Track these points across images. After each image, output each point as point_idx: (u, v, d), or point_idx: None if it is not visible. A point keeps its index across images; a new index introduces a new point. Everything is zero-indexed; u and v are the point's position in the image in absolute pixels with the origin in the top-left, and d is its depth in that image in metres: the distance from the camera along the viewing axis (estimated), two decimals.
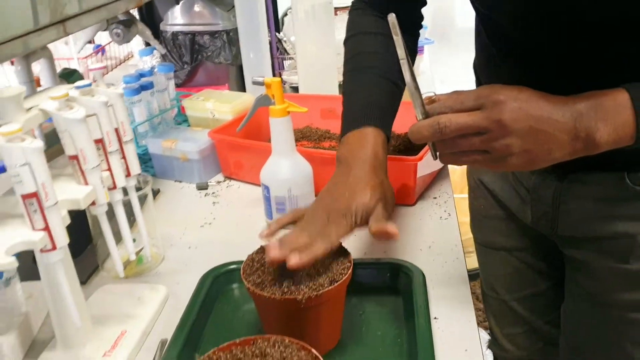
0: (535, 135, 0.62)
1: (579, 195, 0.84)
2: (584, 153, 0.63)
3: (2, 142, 0.59)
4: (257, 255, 0.76)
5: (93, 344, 0.76)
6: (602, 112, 0.62)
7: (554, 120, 0.62)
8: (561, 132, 0.62)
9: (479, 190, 1.05)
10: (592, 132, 0.62)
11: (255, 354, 0.60)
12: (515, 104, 0.62)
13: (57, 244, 0.63)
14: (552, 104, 0.63)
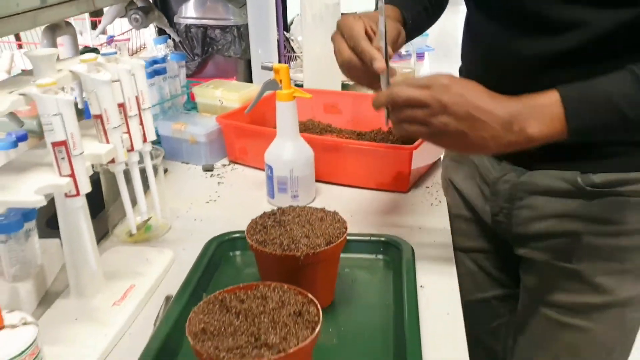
0: (471, 121, 0.70)
1: (534, 191, 0.89)
2: (519, 146, 0.71)
3: (38, 92, 0.65)
4: (260, 219, 0.82)
5: (104, 294, 0.82)
6: (536, 110, 0.70)
7: (491, 112, 0.70)
8: (496, 124, 0.70)
9: (449, 189, 1.09)
10: (525, 127, 0.70)
11: (257, 296, 0.65)
12: (459, 90, 0.71)
13: (80, 190, 0.69)
14: (492, 98, 0.71)
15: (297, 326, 0.61)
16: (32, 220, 0.83)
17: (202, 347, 0.57)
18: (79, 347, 0.73)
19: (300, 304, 0.64)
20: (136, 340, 0.76)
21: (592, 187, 0.83)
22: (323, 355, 0.70)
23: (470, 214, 1.04)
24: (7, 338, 0.56)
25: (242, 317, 0.62)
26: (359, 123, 1.40)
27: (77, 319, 0.78)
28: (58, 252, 0.91)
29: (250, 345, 0.58)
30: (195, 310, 0.63)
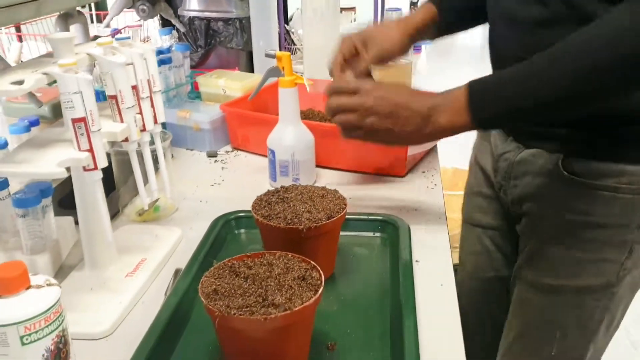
0: (394, 118, 0.81)
1: (526, 172, 0.95)
2: (436, 136, 0.82)
3: (60, 71, 0.69)
4: (264, 196, 0.87)
5: (117, 266, 0.86)
6: (447, 103, 0.80)
7: (410, 108, 0.81)
8: (416, 117, 0.81)
9: (473, 167, 1.16)
10: (437, 119, 0.80)
11: (263, 263, 0.70)
12: (381, 92, 0.82)
13: (98, 164, 0.73)
14: (412, 95, 0.83)
15: (301, 289, 0.65)
16: (49, 197, 0.87)
17: (215, 306, 0.62)
18: (94, 313, 0.77)
19: (304, 270, 0.69)
20: (148, 308, 0.80)
21: (570, 173, 0.88)
22: (324, 321, 0.74)
23: (490, 192, 1.10)
24: (34, 297, 0.60)
25: (250, 281, 0.66)
26: None
27: (92, 288, 0.82)
28: (71, 229, 0.95)
29: (258, 304, 0.62)
30: (206, 275, 0.68)
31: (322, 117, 1.43)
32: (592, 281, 0.93)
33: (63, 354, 0.63)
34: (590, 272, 0.92)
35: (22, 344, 0.59)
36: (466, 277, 1.20)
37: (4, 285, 0.59)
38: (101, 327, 0.75)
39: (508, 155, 0.97)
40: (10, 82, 0.69)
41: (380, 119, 0.81)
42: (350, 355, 0.70)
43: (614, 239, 0.89)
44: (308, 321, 0.66)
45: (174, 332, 0.73)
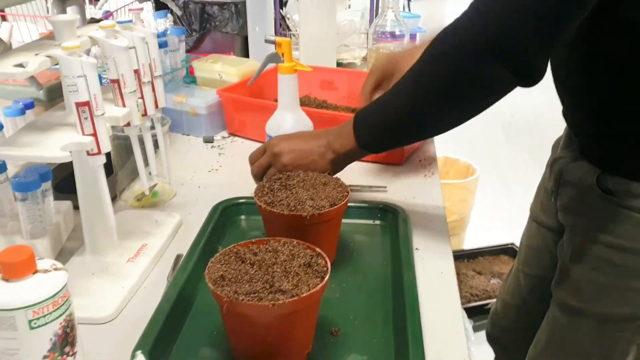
0: (299, 155, 0.93)
1: (567, 182, 0.94)
2: (338, 161, 0.93)
3: (64, 54, 0.69)
4: (267, 183, 0.87)
5: (118, 252, 0.86)
6: (339, 131, 0.92)
7: (311, 144, 0.93)
8: (319, 148, 0.93)
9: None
10: (333, 145, 0.92)
11: (268, 249, 0.70)
12: (283, 143, 0.95)
13: (102, 149, 0.73)
14: (310, 136, 0.96)
15: (308, 275, 0.66)
16: (48, 181, 0.87)
17: (222, 291, 0.62)
18: (97, 298, 0.77)
19: (309, 257, 0.69)
20: (150, 293, 0.80)
21: (604, 190, 0.86)
22: (328, 307, 0.75)
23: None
24: (42, 281, 0.60)
25: (256, 267, 0.67)
26: (354, 99, 1.44)
27: (93, 273, 0.82)
28: (70, 213, 0.95)
29: (265, 290, 0.63)
30: (212, 261, 0.68)
31: (319, 105, 1.43)
32: (615, 309, 0.89)
33: (70, 338, 0.63)
34: (614, 300, 0.89)
35: (30, 328, 0.59)
36: (520, 265, 1.20)
37: (11, 270, 0.59)
38: (105, 312, 0.75)
39: (562, 161, 0.97)
40: (13, 65, 0.68)
41: (291, 159, 0.93)
42: (353, 341, 0.71)
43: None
44: (314, 307, 0.67)
45: (177, 317, 0.73)
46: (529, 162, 3.44)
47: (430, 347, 0.69)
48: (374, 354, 0.69)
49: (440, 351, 0.70)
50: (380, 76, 1.09)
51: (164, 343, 0.69)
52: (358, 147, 0.90)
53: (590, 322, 0.92)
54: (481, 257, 2.41)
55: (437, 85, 0.79)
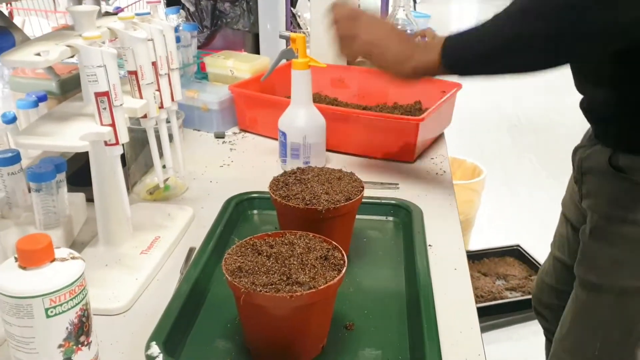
0: (385, 45, 0.92)
1: (589, 169, 0.95)
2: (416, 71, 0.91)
3: (84, 44, 0.69)
4: (281, 177, 0.87)
5: (131, 244, 0.86)
6: (426, 45, 0.91)
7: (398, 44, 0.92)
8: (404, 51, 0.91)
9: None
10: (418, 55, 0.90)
11: (285, 242, 0.70)
12: (375, 27, 0.94)
13: (120, 139, 0.73)
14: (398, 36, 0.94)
15: (324, 268, 0.66)
16: (63, 172, 0.87)
17: (240, 282, 0.62)
18: (111, 289, 0.77)
19: (326, 250, 0.69)
20: (163, 285, 0.80)
21: (615, 168, 0.89)
22: (342, 301, 0.75)
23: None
24: (59, 270, 0.60)
25: (273, 260, 0.67)
26: (365, 97, 1.45)
27: (107, 265, 0.82)
28: (83, 205, 0.95)
29: (283, 282, 0.63)
30: (229, 252, 0.68)
31: (330, 102, 1.43)
32: (631, 283, 0.91)
33: (86, 328, 0.63)
34: (630, 273, 0.91)
35: (47, 316, 0.59)
36: (553, 248, 1.22)
37: (29, 258, 0.59)
38: (119, 303, 0.75)
39: (581, 150, 0.99)
40: (34, 54, 0.68)
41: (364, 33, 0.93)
42: (368, 335, 0.71)
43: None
44: (330, 300, 0.67)
45: (191, 309, 0.73)
46: (534, 163, 3.43)
47: (446, 342, 0.69)
48: (389, 348, 0.69)
49: (456, 346, 0.70)
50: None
51: (179, 334, 0.69)
52: (440, 65, 0.88)
53: (609, 297, 0.93)
54: (486, 258, 2.40)
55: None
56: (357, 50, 0.97)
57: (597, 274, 0.94)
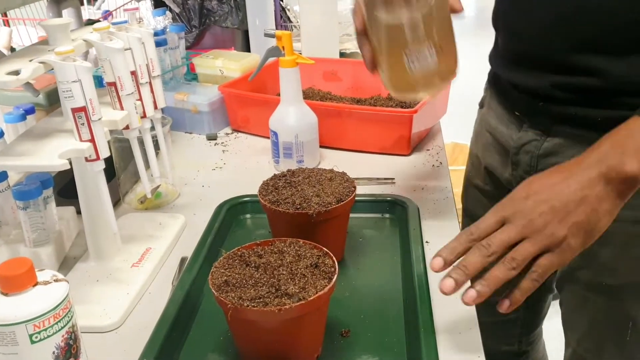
0: (565, 210, 0.63)
1: (554, 164, 0.88)
2: (629, 192, 0.64)
3: (58, 60, 0.67)
4: (271, 181, 0.85)
5: (122, 257, 0.85)
6: (620, 147, 0.63)
7: (576, 185, 0.63)
8: (591, 188, 0.63)
9: (472, 157, 1.09)
10: (621, 168, 0.62)
11: (274, 251, 0.69)
12: (530, 202, 0.64)
13: (100, 154, 0.71)
14: (563, 173, 0.66)
15: (315, 277, 0.64)
16: (50, 188, 0.85)
17: (227, 297, 0.60)
18: (103, 305, 0.76)
19: (316, 257, 0.67)
20: (156, 298, 0.79)
21: None
22: (337, 307, 0.73)
23: (490, 187, 1.03)
24: (42, 294, 0.59)
25: (261, 270, 0.65)
26: (359, 90, 1.42)
27: (98, 280, 0.81)
28: (73, 219, 0.93)
29: (271, 294, 0.61)
30: (216, 265, 0.66)
31: (323, 96, 1.41)
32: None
33: (74, 350, 0.62)
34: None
35: (32, 342, 0.58)
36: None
37: (10, 283, 0.58)
38: (110, 320, 0.74)
39: (529, 147, 0.89)
40: (6, 72, 0.66)
41: (558, 222, 0.63)
42: (364, 341, 0.69)
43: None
44: (322, 310, 0.65)
45: (183, 323, 0.72)
46: None
47: (444, 343, 0.67)
48: (386, 354, 0.68)
49: (455, 347, 0.68)
50: None
51: (171, 350, 0.68)
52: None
53: (633, 292, 0.88)
54: None
55: None
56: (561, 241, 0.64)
57: (615, 277, 0.88)
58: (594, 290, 0.92)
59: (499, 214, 0.65)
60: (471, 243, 0.65)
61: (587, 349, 0.97)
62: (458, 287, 0.63)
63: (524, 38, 0.86)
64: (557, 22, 0.79)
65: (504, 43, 0.93)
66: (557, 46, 0.80)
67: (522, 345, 1.21)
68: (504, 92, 0.95)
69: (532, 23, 0.83)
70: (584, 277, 0.92)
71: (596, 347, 0.96)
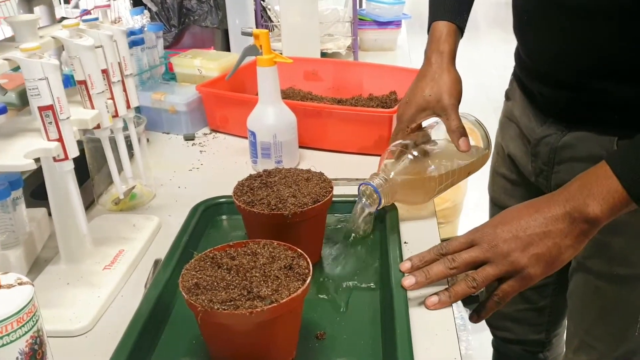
0: (530, 241, 0.69)
1: (572, 157, 0.89)
2: (591, 231, 0.69)
3: (23, 57, 0.65)
4: (246, 182, 0.84)
5: (94, 259, 0.83)
6: (587, 189, 0.69)
7: (541, 220, 0.70)
8: (555, 224, 0.69)
9: (498, 148, 1.12)
10: (584, 210, 0.68)
11: (247, 252, 0.67)
12: (498, 230, 0.71)
13: (69, 154, 0.69)
14: (534, 207, 0.71)
15: (288, 279, 0.63)
16: (19, 189, 0.84)
17: (197, 301, 0.59)
18: (72, 309, 0.74)
19: (290, 258, 0.66)
20: (128, 301, 0.77)
21: None
22: (313, 309, 0.72)
23: (515, 176, 1.06)
24: (5, 297, 0.57)
25: (233, 273, 0.63)
26: (340, 90, 1.41)
27: (68, 283, 0.79)
28: (45, 220, 0.91)
29: (243, 297, 0.60)
30: (187, 267, 0.65)
31: (304, 96, 1.40)
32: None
33: (39, 355, 0.60)
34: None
35: None
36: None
37: None
38: (80, 324, 0.72)
39: (549, 139, 0.91)
40: None
41: (521, 251, 0.69)
42: (340, 343, 0.68)
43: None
44: (296, 312, 0.64)
45: (155, 326, 0.70)
46: None
47: (420, 346, 0.66)
48: (362, 356, 0.66)
49: (431, 349, 0.67)
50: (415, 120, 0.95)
51: (141, 354, 0.66)
52: (630, 201, 0.67)
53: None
54: None
55: None
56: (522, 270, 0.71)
57: (626, 266, 0.89)
58: (604, 280, 0.93)
59: (469, 237, 0.73)
60: (439, 256, 0.74)
61: (596, 338, 0.98)
62: (417, 286, 0.73)
63: (537, 61, 0.90)
64: (562, 53, 0.83)
65: (522, 54, 0.95)
66: (567, 72, 0.85)
67: (549, 335, 1.22)
68: (526, 90, 0.98)
69: (542, 52, 0.88)
70: (595, 266, 0.93)
71: (605, 336, 0.97)
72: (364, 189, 0.87)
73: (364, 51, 1.95)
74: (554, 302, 1.16)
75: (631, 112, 0.81)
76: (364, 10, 2.01)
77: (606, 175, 0.68)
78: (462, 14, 0.95)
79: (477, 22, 6.80)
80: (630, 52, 0.77)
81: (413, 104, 0.93)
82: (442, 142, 0.93)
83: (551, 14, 0.83)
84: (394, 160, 0.89)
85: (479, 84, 4.13)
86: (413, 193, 0.90)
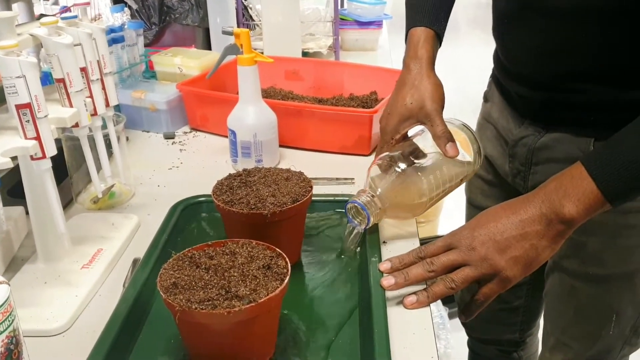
0: (508, 244, 0.70)
1: (550, 158, 0.90)
2: (567, 232, 0.70)
3: (1, 54, 0.65)
4: (225, 181, 0.84)
5: (72, 258, 0.82)
6: (562, 190, 0.69)
7: (518, 222, 0.70)
8: (531, 225, 0.70)
9: None
10: (560, 211, 0.69)
11: (226, 252, 0.67)
12: (475, 233, 0.72)
13: (46, 153, 0.69)
14: (510, 209, 0.72)
15: (267, 278, 0.63)
16: None
17: (175, 300, 0.59)
18: (50, 308, 0.74)
19: (269, 258, 0.66)
20: (106, 301, 0.77)
21: None
22: (292, 308, 0.72)
23: (492, 177, 1.07)
24: None
25: (212, 272, 0.64)
26: (321, 89, 1.42)
27: (46, 282, 0.78)
28: (22, 219, 0.91)
29: (221, 297, 0.60)
30: (165, 267, 0.65)
31: (285, 96, 1.40)
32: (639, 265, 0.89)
33: (15, 355, 0.59)
34: (636, 256, 0.88)
35: None
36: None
37: None
38: (57, 323, 0.72)
39: (526, 140, 0.92)
40: None
41: (499, 254, 0.70)
42: (318, 342, 0.69)
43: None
44: (274, 312, 0.64)
45: (133, 325, 0.70)
46: None
47: (398, 345, 0.67)
48: (340, 355, 0.67)
49: (408, 348, 0.68)
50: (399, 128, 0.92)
51: (118, 354, 0.66)
52: (605, 201, 0.68)
53: (620, 282, 0.91)
54: None
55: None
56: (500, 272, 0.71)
57: (602, 266, 0.90)
58: (580, 279, 0.94)
59: (447, 240, 0.74)
60: (418, 259, 0.75)
61: (572, 337, 0.99)
62: (395, 287, 0.73)
63: (515, 62, 0.91)
64: (540, 54, 0.84)
65: (501, 56, 0.95)
66: (545, 74, 0.85)
67: (524, 334, 1.23)
68: (504, 91, 0.98)
69: (519, 54, 0.89)
70: (571, 266, 0.94)
71: (581, 335, 0.98)
72: (350, 207, 0.83)
73: (345, 51, 1.95)
74: (528, 302, 1.18)
75: (607, 114, 0.82)
76: (345, 10, 2.01)
77: (581, 176, 0.69)
78: (440, 20, 0.94)
79: (458, 23, 6.85)
80: (607, 54, 0.79)
81: (395, 114, 0.90)
82: (430, 151, 0.89)
83: (530, 16, 0.84)
84: (381, 174, 0.85)
85: (458, 86, 4.15)
86: (403, 209, 0.86)
